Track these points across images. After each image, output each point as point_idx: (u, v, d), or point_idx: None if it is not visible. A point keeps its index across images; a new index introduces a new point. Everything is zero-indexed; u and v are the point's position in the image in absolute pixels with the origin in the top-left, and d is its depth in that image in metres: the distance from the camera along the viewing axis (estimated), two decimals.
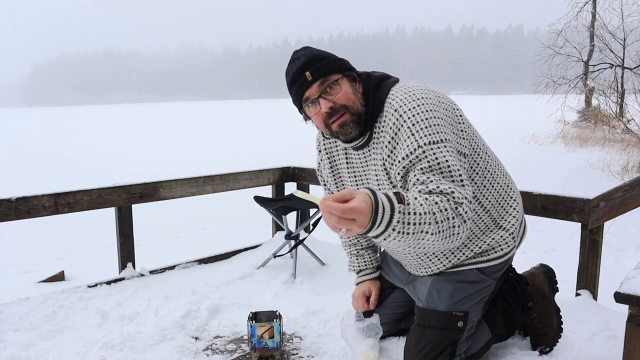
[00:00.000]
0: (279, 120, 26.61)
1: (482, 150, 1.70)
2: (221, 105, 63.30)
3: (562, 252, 4.58)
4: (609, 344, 1.92)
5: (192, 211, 6.51)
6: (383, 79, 1.70)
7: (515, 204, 1.78)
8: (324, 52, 1.66)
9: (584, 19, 14.72)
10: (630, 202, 2.52)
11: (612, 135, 12.41)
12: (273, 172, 3.60)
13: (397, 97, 1.60)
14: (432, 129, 1.52)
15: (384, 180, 1.67)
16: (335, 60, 1.65)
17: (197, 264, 3.18)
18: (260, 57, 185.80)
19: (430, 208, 1.35)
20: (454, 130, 1.59)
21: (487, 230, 1.72)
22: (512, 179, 1.82)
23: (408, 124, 1.54)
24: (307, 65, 1.61)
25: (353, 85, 1.65)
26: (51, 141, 17.80)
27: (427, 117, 1.53)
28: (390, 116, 1.59)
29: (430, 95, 1.59)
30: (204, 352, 2.09)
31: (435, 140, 1.51)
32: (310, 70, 1.60)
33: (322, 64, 1.61)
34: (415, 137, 1.52)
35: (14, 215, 2.55)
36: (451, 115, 1.61)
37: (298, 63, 1.62)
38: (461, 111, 1.68)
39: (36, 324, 2.31)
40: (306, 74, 1.60)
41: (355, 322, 1.93)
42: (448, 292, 1.70)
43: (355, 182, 1.82)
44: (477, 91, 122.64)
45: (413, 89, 1.61)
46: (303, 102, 1.65)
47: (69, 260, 4.78)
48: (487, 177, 1.70)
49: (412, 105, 1.56)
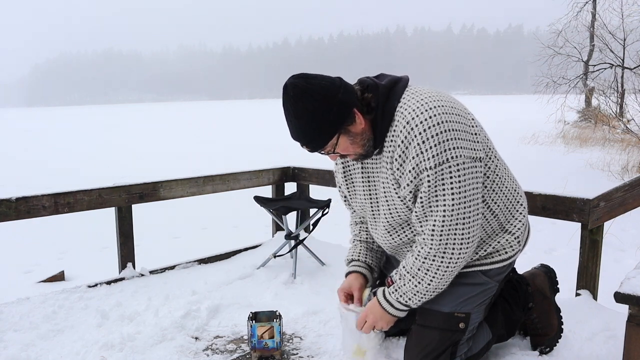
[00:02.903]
0: (279, 120, 26.57)
1: (493, 154, 1.69)
2: (221, 105, 63.28)
3: (562, 252, 4.58)
4: (609, 344, 1.92)
5: (192, 211, 6.51)
6: (392, 85, 1.64)
7: (522, 208, 1.77)
8: (310, 116, 1.55)
9: (584, 19, 14.74)
10: (630, 202, 2.52)
11: (612, 135, 12.41)
12: (273, 172, 3.60)
13: (408, 108, 1.57)
14: (441, 146, 1.51)
15: (391, 191, 1.67)
16: (328, 126, 1.58)
17: (197, 264, 3.18)
18: (260, 57, 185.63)
19: (415, 277, 1.66)
20: (467, 137, 1.56)
21: (494, 234, 1.72)
22: (518, 183, 1.81)
23: (418, 140, 1.52)
24: (300, 139, 1.62)
25: (354, 127, 1.61)
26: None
27: (439, 132, 1.51)
28: (402, 128, 1.56)
29: (441, 104, 1.56)
30: (204, 352, 2.09)
31: (442, 161, 1.51)
32: (305, 144, 1.63)
33: (314, 144, 1.62)
34: (424, 155, 1.52)
35: (14, 215, 2.55)
36: (464, 121, 1.58)
37: (291, 128, 1.61)
38: (473, 115, 1.66)
39: (36, 324, 2.31)
40: (304, 147, 1.65)
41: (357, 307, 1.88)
42: (450, 293, 1.70)
43: (368, 189, 1.80)
44: (477, 91, 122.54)
45: (425, 97, 1.57)
46: None
47: (69, 260, 4.78)
48: (497, 182, 1.69)
49: (424, 117, 1.52)
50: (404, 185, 1.59)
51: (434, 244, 1.59)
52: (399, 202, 1.66)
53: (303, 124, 1.58)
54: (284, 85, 1.58)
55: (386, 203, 1.71)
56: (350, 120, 1.60)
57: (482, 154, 1.61)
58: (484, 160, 1.62)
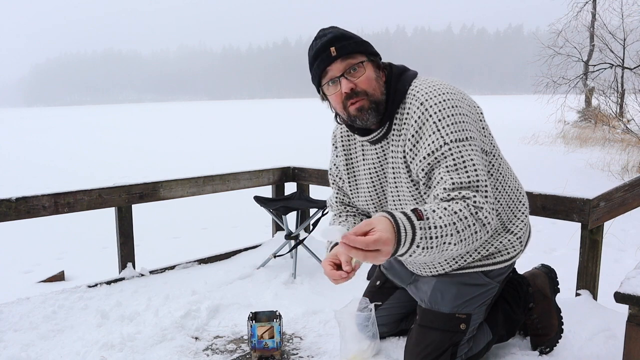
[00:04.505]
0: (279, 121, 26.61)
1: (497, 151, 1.69)
2: (221, 105, 63.30)
3: (562, 252, 4.58)
4: (609, 344, 1.92)
5: (192, 211, 6.51)
6: (404, 70, 1.66)
7: (524, 208, 1.77)
8: (352, 33, 1.60)
9: (584, 19, 14.73)
10: (630, 202, 2.52)
11: (612, 135, 12.40)
12: (273, 172, 3.60)
13: (421, 90, 1.56)
14: (458, 126, 1.49)
15: (401, 174, 1.63)
16: (362, 41, 1.59)
17: (197, 264, 3.18)
18: (260, 57, 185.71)
19: (450, 219, 1.35)
20: (477, 127, 1.57)
21: (496, 234, 1.71)
22: (520, 183, 1.81)
23: (434, 118, 1.50)
24: (334, 41, 1.54)
25: (376, 71, 1.59)
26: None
27: (454, 113, 1.50)
28: (415, 109, 1.55)
29: (454, 91, 1.57)
30: (204, 352, 2.09)
31: (461, 137, 1.48)
32: (336, 46, 1.54)
33: (349, 42, 1.55)
34: (441, 132, 1.49)
35: (14, 215, 2.55)
36: (474, 112, 1.59)
37: (324, 39, 1.56)
38: (481, 109, 1.66)
39: (36, 324, 2.31)
40: (331, 49, 1.53)
41: (357, 312, 1.89)
42: (452, 293, 1.70)
43: (371, 178, 1.75)
44: (476, 91, 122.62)
45: (437, 84, 1.58)
46: (323, 79, 1.58)
47: (69, 260, 4.78)
48: (500, 180, 1.68)
49: (439, 100, 1.52)
50: (418, 161, 1.54)
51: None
52: (408, 189, 1.62)
53: (343, 30, 1.60)
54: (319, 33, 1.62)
55: (395, 189, 1.67)
56: (378, 61, 1.61)
57: (488, 148, 1.62)
58: (489, 155, 1.63)
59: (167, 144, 15.62)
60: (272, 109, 43.11)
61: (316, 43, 1.58)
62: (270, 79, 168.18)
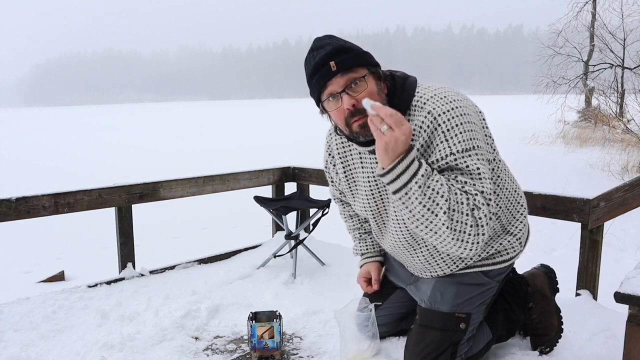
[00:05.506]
0: (279, 121, 26.60)
1: (497, 156, 1.69)
2: (221, 105, 63.28)
3: (562, 252, 4.58)
4: (609, 344, 1.92)
5: (192, 211, 6.51)
6: (405, 78, 1.63)
7: (523, 209, 1.77)
8: (350, 43, 1.54)
9: (584, 19, 14.73)
10: (630, 202, 2.52)
11: (612, 135, 12.40)
12: (273, 172, 3.60)
13: (428, 100, 1.54)
14: (465, 135, 1.49)
15: None
16: (363, 53, 1.53)
17: (197, 264, 3.18)
18: (260, 57, 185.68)
19: (449, 193, 1.43)
20: (482, 134, 1.57)
21: (496, 236, 1.71)
22: (518, 183, 1.81)
23: (443, 128, 1.49)
24: (333, 54, 1.48)
25: (378, 84, 1.54)
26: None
27: (462, 122, 1.49)
28: (422, 118, 1.52)
29: (460, 98, 1.55)
30: (204, 352, 2.09)
31: (468, 147, 1.48)
32: (336, 60, 1.48)
33: (350, 56, 1.49)
34: (449, 142, 1.49)
35: (14, 215, 2.55)
36: (479, 118, 1.59)
37: (322, 52, 1.49)
38: (484, 114, 1.65)
39: (36, 324, 2.31)
40: (331, 63, 1.47)
41: (357, 312, 1.89)
42: (451, 293, 1.70)
43: (370, 187, 1.74)
44: (476, 91, 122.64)
45: (442, 91, 1.56)
46: (323, 95, 1.53)
47: (69, 260, 4.78)
48: (499, 183, 1.68)
49: (447, 109, 1.50)
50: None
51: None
52: None
53: (341, 41, 1.54)
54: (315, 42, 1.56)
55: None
56: (379, 73, 1.56)
57: (491, 157, 1.62)
58: (491, 163, 1.63)
59: (167, 144, 15.62)
60: (272, 109, 43.11)
61: (314, 55, 1.52)
62: (270, 79, 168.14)
